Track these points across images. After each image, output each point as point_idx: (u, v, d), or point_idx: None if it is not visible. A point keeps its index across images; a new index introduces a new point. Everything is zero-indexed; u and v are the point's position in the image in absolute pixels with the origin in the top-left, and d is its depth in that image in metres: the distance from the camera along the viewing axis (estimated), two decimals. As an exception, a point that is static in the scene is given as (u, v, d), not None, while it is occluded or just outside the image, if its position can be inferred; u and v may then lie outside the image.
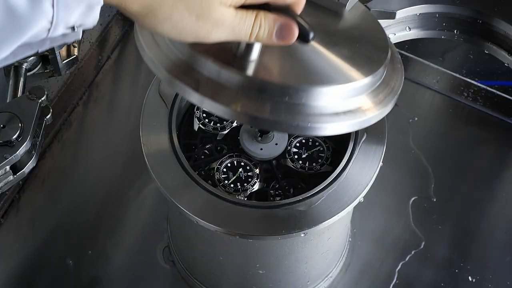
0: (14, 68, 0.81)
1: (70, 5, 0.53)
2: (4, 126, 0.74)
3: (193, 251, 0.90)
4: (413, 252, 0.99)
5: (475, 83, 1.11)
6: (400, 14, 0.83)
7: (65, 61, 0.84)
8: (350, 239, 0.98)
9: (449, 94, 1.12)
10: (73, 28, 0.54)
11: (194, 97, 0.61)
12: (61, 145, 1.06)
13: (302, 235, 0.72)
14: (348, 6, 0.71)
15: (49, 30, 0.53)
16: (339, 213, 0.73)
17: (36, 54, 0.67)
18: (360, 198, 0.74)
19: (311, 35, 0.59)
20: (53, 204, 1.02)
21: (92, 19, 0.55)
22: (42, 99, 0.77)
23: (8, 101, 0.78)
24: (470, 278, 0.98)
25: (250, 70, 0.61)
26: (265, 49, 0.62)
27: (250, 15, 0.58)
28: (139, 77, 1.12)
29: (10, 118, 0.75)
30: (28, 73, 0.83)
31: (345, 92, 0.63)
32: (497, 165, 1.06)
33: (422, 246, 0.99)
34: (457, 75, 1.12)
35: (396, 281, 0.98)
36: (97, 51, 1.11)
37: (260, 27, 0.58)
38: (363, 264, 0.99)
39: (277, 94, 0.60)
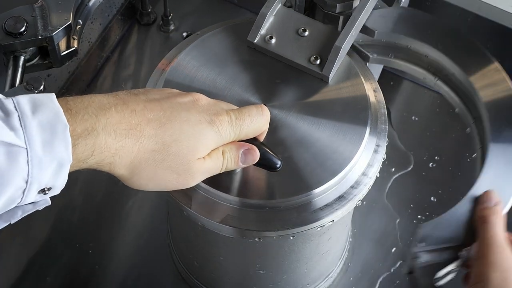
0: (13, 58, 0.81)
1: (43, 162, 0.55)
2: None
3: (193, 251, 0.90)
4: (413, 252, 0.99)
5: (475, 83, 1.11)
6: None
7: (64, 53, 0.84)
8: (350, 239, 0.98)
9: (449, 94, 1.12)
10: (44, 191, 0.58)
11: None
12: (61, 145, 1.06)
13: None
14: (331, 77, 0.75)
15: (24, 191, 0.56)
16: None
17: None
18: (361, 198, 0.74)
19: (279, 164, 0.67)
20: (53, 204, 1.01)
21: (62, 180, 0.59)
22: (40, 89, 0.77)
23: (6, 90, 0.79)
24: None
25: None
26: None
27: (219, 155, 0.65)
28: (139, 77, 1.12)
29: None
30: (27, 64, 0.83)
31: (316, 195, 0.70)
32: (497, 166, 1.06)
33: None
34: (457, 75, 1.12)
35: (396, 281, 0.98)
36: (97, 51, 1.11)
37: (228, 161, 0.66)
38: (363, 264, 0.99)
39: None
